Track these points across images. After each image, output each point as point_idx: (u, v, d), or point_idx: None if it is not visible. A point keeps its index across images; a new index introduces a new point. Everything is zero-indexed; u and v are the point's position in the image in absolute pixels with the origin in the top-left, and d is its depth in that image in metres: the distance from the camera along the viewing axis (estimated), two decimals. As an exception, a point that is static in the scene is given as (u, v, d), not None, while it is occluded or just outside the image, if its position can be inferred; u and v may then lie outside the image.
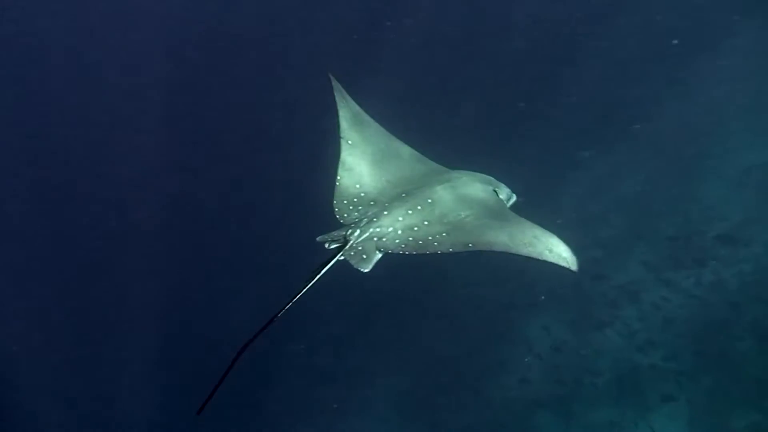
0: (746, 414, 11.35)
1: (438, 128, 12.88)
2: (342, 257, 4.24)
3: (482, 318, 15.09)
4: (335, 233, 4.41)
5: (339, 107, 4.93)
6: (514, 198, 4.99)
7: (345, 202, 4.60)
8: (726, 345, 12.41)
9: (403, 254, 4.23)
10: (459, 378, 14.55)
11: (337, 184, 4.65)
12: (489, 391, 14.35)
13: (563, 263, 4.02)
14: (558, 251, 4.11)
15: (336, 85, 5.01)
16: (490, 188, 4.82)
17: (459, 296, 14.76)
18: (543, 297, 14.63)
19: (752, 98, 16.28)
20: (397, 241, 4.30)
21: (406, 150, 5.08)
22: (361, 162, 4.79)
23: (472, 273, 13.33)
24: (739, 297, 13.06)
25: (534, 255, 4.12)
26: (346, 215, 4.55)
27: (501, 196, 4.85)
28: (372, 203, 4.57)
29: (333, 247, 4.31)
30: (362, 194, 4.62)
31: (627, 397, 13.12)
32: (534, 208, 5.37)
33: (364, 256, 4.24)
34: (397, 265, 4.96)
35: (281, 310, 3.74)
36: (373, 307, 14.76)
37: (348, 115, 4.96)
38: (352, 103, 5.05)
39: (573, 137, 16.40)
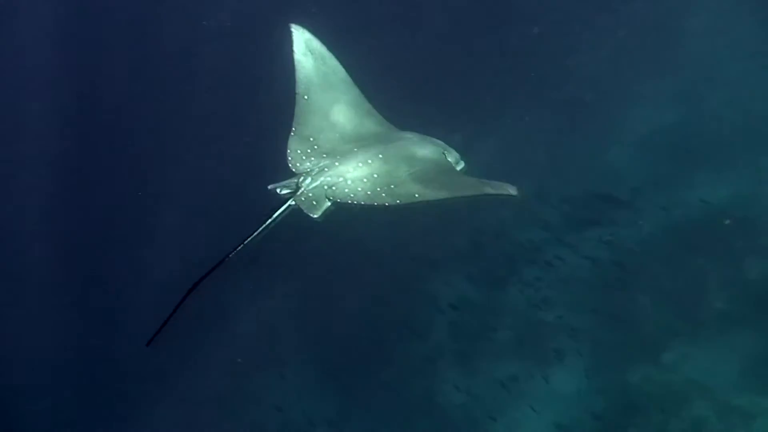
0: (641, 367, 11.64)
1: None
2: (293, 203, 4.42)
3: (386, 275, 15.11)
4: (287, 181, 4.60)
5: (297, 62, 4.96)
6: (462, 164, 5.15)
7: (299, 152, 4.77)
8: (622, 302, 12.72)
9: (352, 204, 4.42)
10: (363, 334, 14.54)
11: (292, 134, 4.81)
12: (392, 348, 14.37)
13: (505, 192, 4.37)
14: (499, 185, 4.46)
15: (299, 36, 5.01)
16: (440, 150, 5.03)
17: (366, 254, 14.72)
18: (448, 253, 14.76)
19: (657, 61, 16.71)
20: (347, 190, 4.50)
21: (363, 106, 5.16)
22: (316, 116, 4.90)
23: (379, 232, 13.33)
24: (636, 256, 13.40)
25: (478, 193, 4.48)
26: (298, 165, 4.75)
27: (449, 159, 5.04)
28: (324, 156, 4.73)
29: (285, 192, 4.50)
30: (315, 147, 4.79)
31: (526, 352, 13.35)
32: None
33: (315, 203, 4.50)
34: (307, 222, 4.94)
35: (233, 251, 3.92)
36: (279, 262, 14.55)
37: (307, 68, 4.97)
38: (322, 55, 5.07)
39: (482, 100, 16.51)
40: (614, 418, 11.08)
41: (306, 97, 4.93)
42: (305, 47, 4.98)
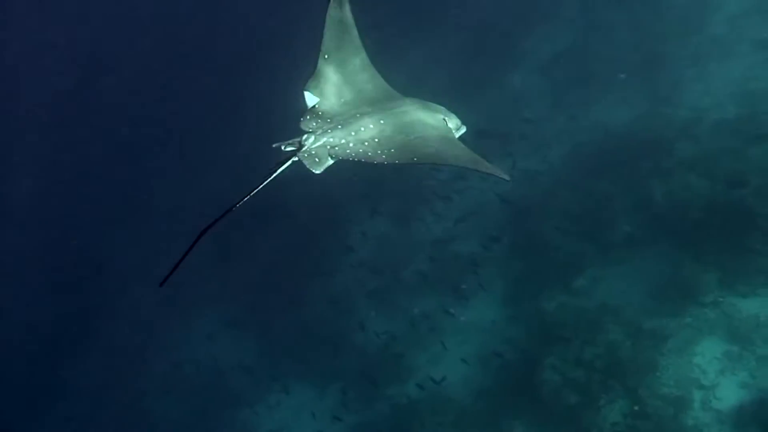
0: (555, 295, 11.70)
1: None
2: (297, 158, 4.61)
3: (296, 222, 14.91)
4: (291, 140, 4.76)
5: (329, 16, 5.00)
6: (463, 129, 5.21)
7: (307, 116, 4.87)
8: (535, 231, 12.75)
9: (353, 161, 4.65)
10: (276, 280, 14.29)
11: (305, 94, 4.91)
12: (303, 291, 14.15)
13: (497, 173, 4.52)
14: (492, 169, 4.56)
15: None
16: (440, 116, 5.05)
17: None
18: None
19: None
20: (348, 151, 4.70)
21: (370, 71, 5.23)
22: (329, 79, 5.03)
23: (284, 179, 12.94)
24: (546, 185, 13.42)
25: (471, 167, 4.61)
26: (304, 125, 4.84)
27: (450, 125, 5.08)
28: (329, 120, 4.87)
29: (288, 149, 4.67)
30: (321, 111, 4.91)
31: (438, 287, 13.32)
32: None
33: (317, 160, 4.66)
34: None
35: (240, 201, 4.21)
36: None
37: (335, 26, 5.05)
38: (347, 15, 5.11)
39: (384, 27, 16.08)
40: (533, 348, 11.14)
41: (327, 56, 5.01)
42: (339, 3, 5.06)
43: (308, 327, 13.76)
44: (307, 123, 4.87)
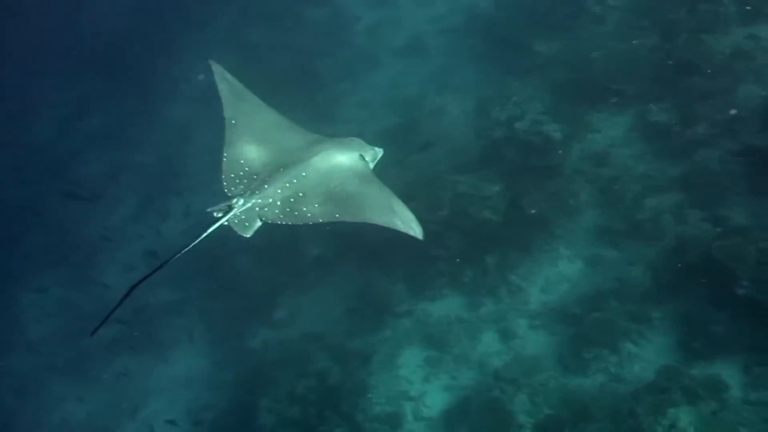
0: (258, 332, 11.37)
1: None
2: (226, 222, 4.69)
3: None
4: (222, 204, 4.84)
5: (220, 89, 5.24)
6: (380, 154, 5.40)
7: (232, 176, 5.02)
8: (228, 268, 12.24)
9: (282, 224, 4.71)
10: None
11: (224, 160, 5.05)
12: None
13: (411, 233, 4.70)
14: (408, 223, 4.73)
15: (216, 68, 5.33)
16: (356, 154, 5.23)
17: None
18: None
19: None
20: (276, 211, 4.83)
21: (283, 122, 5.40)
22: (243, 139, 5.17)
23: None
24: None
25: (389, 225, 4.74)
26: (233, 188, 4.98)
27: (367, 158, 5.26)
28: (254, 177, 5.01)
29: (219, 215, 4.72)
30: (246, 169, 5.05)
31: (138, 344, 12.38)
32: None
33: (246, 224, 4.79)
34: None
35: (169, 259, 4.27)
36: None
37: (229, 95, 5.25)
38: (234, 83, 5.33)
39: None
40: (245, 392, 10.60)
41: (233, 121, 5.18)
42: (222, 77, 5.31)
43: None
44: (236, 186, 4.93)
